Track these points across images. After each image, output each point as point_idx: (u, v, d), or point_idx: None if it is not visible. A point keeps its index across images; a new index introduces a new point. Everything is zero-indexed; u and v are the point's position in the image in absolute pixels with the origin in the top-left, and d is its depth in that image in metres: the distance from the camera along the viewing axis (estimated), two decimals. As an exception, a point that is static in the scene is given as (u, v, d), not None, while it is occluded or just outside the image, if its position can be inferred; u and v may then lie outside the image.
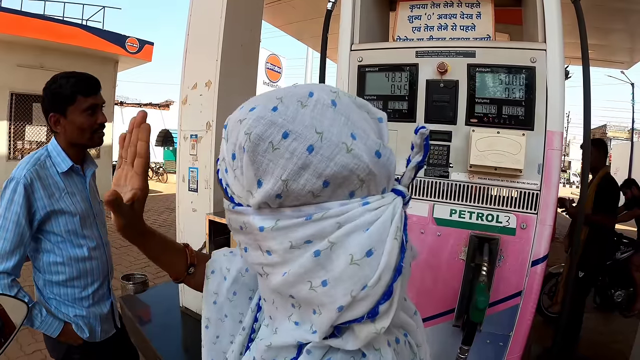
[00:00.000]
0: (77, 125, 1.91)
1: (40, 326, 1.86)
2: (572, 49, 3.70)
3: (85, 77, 1.94)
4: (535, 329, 2.10)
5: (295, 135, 0.55)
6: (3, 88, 10.44)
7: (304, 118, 0.56)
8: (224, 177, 0.65)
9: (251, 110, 0.58)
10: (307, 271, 0.55)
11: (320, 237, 0.55)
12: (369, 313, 0.55)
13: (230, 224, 0.65)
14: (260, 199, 0.57)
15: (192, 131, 3.90)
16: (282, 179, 0.54)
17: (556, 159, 1.95)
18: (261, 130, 0.56)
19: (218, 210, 3.70)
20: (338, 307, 0.54)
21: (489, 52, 2.04)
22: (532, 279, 1.99)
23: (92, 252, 2.04)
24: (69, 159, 1.95)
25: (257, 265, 0.63)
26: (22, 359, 3.68)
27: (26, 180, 1.80)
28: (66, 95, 1.86)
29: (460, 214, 2.08)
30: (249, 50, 4.04)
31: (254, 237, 0.60)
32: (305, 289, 0.56)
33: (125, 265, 6.46)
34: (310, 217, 0.55)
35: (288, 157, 0.54)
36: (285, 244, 0.56)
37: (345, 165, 0.54)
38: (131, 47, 12.31)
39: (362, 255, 0.53)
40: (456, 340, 2.04)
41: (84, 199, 2.04)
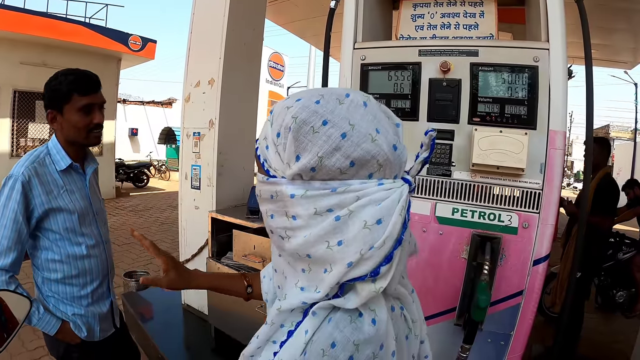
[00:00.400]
0: (72, 124, 1.90)
1: (38, 323, 1.85)
2: (575, 49, 3.69)
3: (83, 76, 1.93)
4: (536, 328, 2.10)
5: (332, 124, 0.68)
6: (6, 85, 10.46)
7: (340, 112, 0.69)
8: (263, 153, 0.77)
9: (297, 101, 0.72)
10: (327, 233, 0.67)
11: (341, 206, 0.67)
12: (371, 272, 0.67)
13: (261, 195, 0.77)
14: (297, 170, 0.69)
15: (195, 129, 3.90)
16: (319, 156, 0.67)
17: (558, 159, 1.95)
18: (306, 116, 0.69)
19: (220, 208, 3.72)
20: (348, 263, 0.66)
21: (492, 51, 2.04)
22: (534, 278, 1.99)
23: (90, 250, 2.02)
24: (67, 157, 1.93)
25: (280, 229, 0.74)
26: (24, 355, 3.68)
27: (24, 178, 1.79)
28: (63, 93, 1.86)
29: (462, 213, 2.08)
30: (252, 48, 4.04)
31: (284, 204, 0.72)
32: (323, 247, 0.68)
33: (127, 262, 6.48)
34: (335, 190, 0.68)
35: (325, 139, 0.67)
36: (311, 210, 0.69)
37: (369, 151, 0.68)
38: (134, 45, 12.31)
39: (373, 222, 0.66)
40: (457, 339, 2.05)
41: (84, 196, 2.02)
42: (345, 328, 0.68)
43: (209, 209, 3.72)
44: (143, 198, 13.70)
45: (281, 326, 0.76)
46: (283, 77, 23.46)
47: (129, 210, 11.17)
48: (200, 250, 3.95)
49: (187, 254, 4.13)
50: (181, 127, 4.09)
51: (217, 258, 3.45)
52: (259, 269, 2.94)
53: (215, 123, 3.69)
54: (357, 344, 0.67)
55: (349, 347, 0.67)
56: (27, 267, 1.89)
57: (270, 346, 0.76)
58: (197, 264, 3.96)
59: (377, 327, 0.69)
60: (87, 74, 1.95)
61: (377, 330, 0.69)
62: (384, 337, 0.70)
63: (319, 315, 0.69)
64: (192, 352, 3.57)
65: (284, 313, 0.75)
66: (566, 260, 4.26)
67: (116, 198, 13.22)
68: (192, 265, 4.06)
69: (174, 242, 7.66)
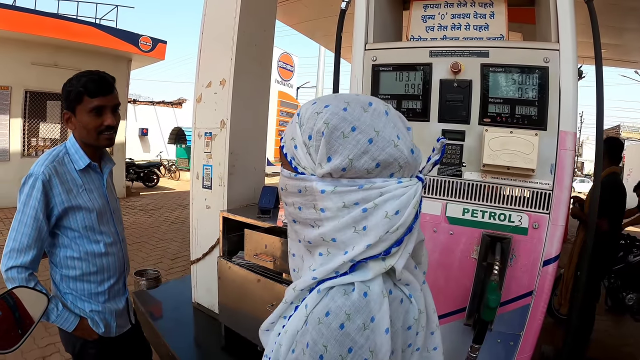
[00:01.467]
0: (83, 125, 1.92)
1: (56, 320, 1.87)
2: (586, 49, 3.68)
3: (96, 78, 1.94)
4: (545, 330, 2.10)
5: (360, 130, 0.77)
6: (18, 86, 10.56)
7: (366, 119, 0.78)
8: (291, 152, 0.85)
9: (326, 107, 0.81)
10: (355, 221, 0.77)
11: (366, 200, 0.77)
12: (384, 251, 0.78)
13: (287, 189, 0.86)
14: (329, 169, 0.78)
15: (207, 129, 3.93)
16: (349, 158, 0.77)
17: (569, 159, 1.95)
18: (336, 122, 0.78)
19: (232, 208, 3.74)
20: (367, 244, 0.76)
21: (503, 52, 2.04)
22: (544, 279, 2.00)
23: (108, 248, 2.05)
24: (86, 157, 1.96)
25: (310, 220, 0.83)
26: (35, 352, 3.71)
27: (44, 177, 1.81)
28: (75, 95, 1.88)
29: (472, 213, 2.09)
30: (263, 49, 4.06)
31: (313, 197, 0.81)
32: (350, 232, 0.78)
33: (137, 261, 6.51)
34: (362, 187, 0.77)
35: (354, 144, 0.77)
36: (339, 204, 0.78)
37: (392, 154, 0.77)
38: (144, 46, 12.38)
39: (392, 213, 0.76)
40: (467, 339, 2.06)
41: (101, 195, 2.05)
42: (339, 299, 0.76)
43: (220, 208, 3.74)
44: (153, 197, 13.77)
45: (291, 303, 0.87)
46: (293, 78, 23.49)
47: (139, 209, 11.21)
48: (211, 250, 3.97)
49: (198, 253, 4.15)
50: (193, 127, 4.12)
51: (228, 257, 3.47)
52: (270, 267, 2.97)
53: (227, 123, 3.71)
54: (348, 313, 0.74)
55: (341, 316, 0.74)
56: (43, 264, 1.91)
57: (281, 321, 0.88)
58: (209, 263, 3.99)
59: (368, 299, 0.76)
60: (101, 76, 1.96)
61: (367, 302, 0.75)
62: (376, 311, 0.75)
63: (322, 292, 0.79)
64: (202, 350, 3.59)
65: (297, 292, 0.85)
66: (569, 261, 4.24)
67: (126, 197, 13.30)
68: (203, 264, 4.11)
69: (184, 242, 7.70)
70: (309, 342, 0.75)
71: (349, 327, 0.73)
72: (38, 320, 1.66)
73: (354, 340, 0.73)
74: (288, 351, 0.79)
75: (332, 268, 0.79)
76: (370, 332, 0.74)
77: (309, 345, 0.74)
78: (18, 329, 1.57)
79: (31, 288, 1.72)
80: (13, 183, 10.31)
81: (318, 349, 0.73)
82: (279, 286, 2.97)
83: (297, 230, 0.90)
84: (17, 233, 1.78)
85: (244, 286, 3.24)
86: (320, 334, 0.74)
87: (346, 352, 0.72)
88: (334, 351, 0.72)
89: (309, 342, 0.75)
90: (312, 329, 0.75)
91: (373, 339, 0.74)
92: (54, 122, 11.51)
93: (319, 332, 0.74)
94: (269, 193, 3.56)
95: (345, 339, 0.73)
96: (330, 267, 0.80)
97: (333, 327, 0.73)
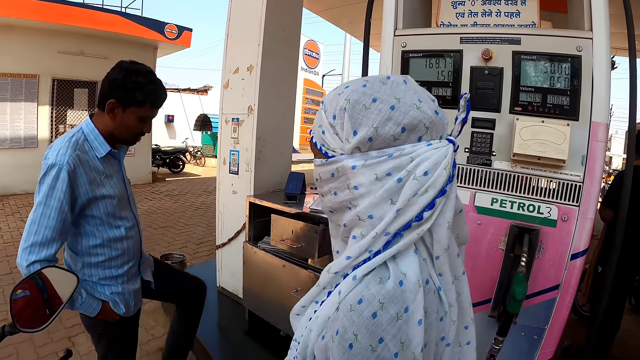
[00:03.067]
0: (128, 125, 1.94)
1: (80, 307, 1.90)
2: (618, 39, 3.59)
3: (162, 91, 1.98)
4: (568, 326, 2.07)
5: (380, 100, 0.78)
6: (45, 74, 10.70)
7: (385, 90, 0.79)
8: (319, 139, 0.86)
9: (346, 87, 0.83)
10: (391, 192, 0.77)
11: (399, 169, 0.76)
12: (416, 217, 0.75)
13: (321, 177, 0.86)
14: (356, 143, 0.79)
15: (234, 115, 3.95)
16: (374, 127, 0.77)
17: (600, 151, 1.91)
18: (357, 97, 0.79)
19: (258, 193, 3.76)
20: (397, 209, 0.75)
21: (535, 40, 2.00)
22: (571, 273, 1.97)
23: (128, 232, 2.08)
24: (106, 144, 1.96)
25: (345, 202, 0.83)
26: (61, 332, 3.78)
27: (69, 167, 1.79)
28: (137, 97, 1.89)
29: (501, 203, 2.06)
30: (290, 34, 4.05)
31: (346, 177, 0.81)
32: (387, 205, 0.77)
33: (163, 245, 6.61)
34: (392, 155, 0.77)
35: (377, 112, 0.77)
36: (372, 176, 0.78)
37: (416, 117, 0.77)
38: (170, 34, 12.44)
39: (421, 174, 0.74)
40: (491, 331, 2.04)
41: (120, 180, 2.07)
42: (373, 287, 0.73)
43: (246, 193, 3.77)
44: (179, 183, 13.91)
45: (324, 288, 0.86)
46: (318, 65, 23.42)
47: (165, 194, 11.36)
48: (237, 235, 4.00)
49: (223, 237, 4.19)
50: (220, 113, 4.14)
51: (253, 242, 3.50)
52: (296, 253, 2.99)
53: (254, 109, 3.72)
54: (382, 302, 0.71)
55: (374, 304, 0.71)
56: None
57: (313, 306, 0.88)
58: (234, 248, 4.03)
59: (404, 288, 0.73)
60: (164, 90, 2.01)
61: (402, 291, 0.72)
62: (410, 301, 0.72)
63: (357, 279, 0.76)
64: (225, 334, 3.63)
65: (331, 275, 0.83)
66: (594, 256, 4.14)
67: (152, 183, 13.46)
68: (228, 249, 4.15)
69: (209, 227, 7.79)
70: (339, 329, 0.73)
71: (382, 317, 0.70)
72: (67, 301, 1.67)
73: (386, 330, 0.70)
74: (318, 337, 0.78)
75: (366, 244, 0.77)
76: (402, 323, 0.71)
77: (339, 333, 0.73)
78: (46, 309, 1.59)
79: (63, 268, 1.74)
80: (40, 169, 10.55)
81: (348, 337, 0.71)
82: (304, 272, 2.99)
83: (335, 220, 0.90)
84: (40, 226, 1.74)
85: (269, 271, 3.27)
86: (351, 321, 0.72)
87: (377, 342, 0.70)
88: (364, 340, 0.70)
89: (339, 330, 0.73)
90: (343, 316, 0.73)
91: (405, 331, 0.71)
92: (81, 109, 11.65)
93: (350, 319, 0.72)
94: (296, 179, 3.56)
95: (377, 329, 0.70)
96: (364, 243, 0.78)
97: (365, 316, 0.71)
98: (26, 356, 3.34)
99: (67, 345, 3.52)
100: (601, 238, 4.00)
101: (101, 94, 1.92)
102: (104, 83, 1.91)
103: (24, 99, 10.42)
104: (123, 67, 1.90)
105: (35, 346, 3.48)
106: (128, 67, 1.90)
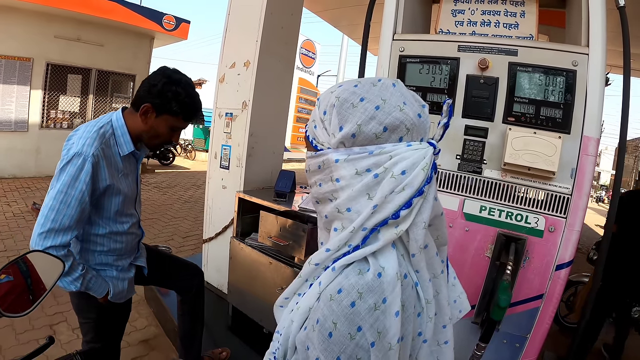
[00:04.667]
0: (158, 131, 1.96)
1: (92, 286, 1.91)
2: (614, 57, 3.63)
3: (198, 106, 2.01)
4: (550, 336, 2.10)
5: (367, 100, 0.83)
6: (40, 58, 10.57)
7: (374, 91, 0.84)
8: (312, 132, 0.93)
9: (339, 86, 0.88)
10: (368, 187, 0.81)
11: (377, 165, 0.81)
12: (392, 215, 0.79)
13: (310, 168, 0.92)
14: (340, 138, 0.84)
15: (228, 109, 3.93)
16: (358, 124, 0.82)
17: (590, 165, 1.94)
18: (346, 96, 0.85)
19: (248, 189, 3.75)
20: (373, 206, 0.79)
21: (532, 52, 2.03)
22: (555, 283, 2.00)
23: (131, 228, 2.10)
24: (131, 143, 1.96)
25: (328, 193, 0.88)
26: (43, 320, 3.73)
27: (94, 159, 1.79)
28: (174, 108, 1.91)
29: (490, 211, 2.08)
30: (289, 33, 4.04)
31: (330, 170, 0.86)
32: (364, 199, 0.82)
33: (149, 237, 6.56)
34: (372, 152, 0.81)
35: (362, 111, 0.82)
36: (352, 171, 0.83)
37: (398, 118, 0.81)
38: (167, 25, 12.35)
39: (398, 173, 0.79)
40: (473, 337, 2.06)
41: (134, 180, 2.10)
42: (353, 277, 0.77)
43: (236, 189, 3.76)
44: (168, 175, 13.80)
45: (306, 281, 0.91)
46: (314, 65, 23.39)
47: (154, 186, 11.26)
48: (224, 229, 3.99)
49: (210, 232, 4.17)
50: (214, 107, 4.12)
51: (241, 238, 3.48)
52: (283, 251, 2.98)
53: (249, 105, 3.71)
54: (360, 292, 0.75)
55: (352, 294, 0.75)
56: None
57: (295, 298, 0.92)
58: (221, 243, 4.02)
59: (382, 280, 0.76)
60: (200, 105, 2.03)
61: (381, 282, 0.76)
62: (389, 293, 0.76)
63: (337, 270, 0.81)
64: (208, 328, 3.59)
65: (312, 266, 0.88)
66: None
67: (142, 174, 13.35)
68: (215, 243, 4.14)
69: (196, 221, 7.76)
70: (319, 318, 0.77)
71: (360, 306, 0.74)
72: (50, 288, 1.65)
73: (364, 319, 0.74)
74: (299, 328, 0.83)
75: (344, 237, 0.81)
76: (380, 314, 0.74)
77: (319, 322, 0.77)
78: (29, 295, 1.57)
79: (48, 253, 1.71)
80: (30, 153, 10.42)
81: (328, 325, 0.75)
82: (290, 270, 2.99)
83: (319, 211, 0.94)
84: (58, 214, 1.74)
85: (255, 268, 3.26)
86: (330, 310, 0.76)
87: (355, 330, 0.74)
88: (343, 329, 0.74)
89: (319, 318, 0.77)
90: (323, 306, 0.78)
91: (382, 321, 0.74)
92: (74, 96, 11.55)
93: (329, 308, 0.76)
94: (286, 177, 3.56)
95: (355, 318, 0.74)
96: (342, 237, 0.82)
97: (344, 305, 0.75)
98: (6, 342, 3.30)
99: (48, 333, 3.49)
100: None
101: (138, 95, 1.93)
102: (144, 85, 1.93)
103: (17, 82, 10.27)
104: (165, 74, 1.92)
105: (16, 332, 3.44)
106: (170, 76, 1.92)
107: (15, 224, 6.50)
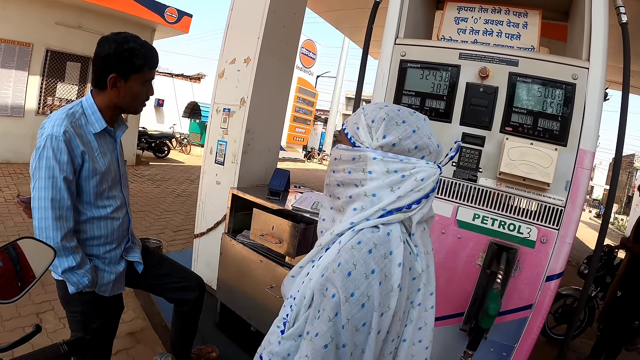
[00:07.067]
0: (133, 93, 1.95)
1: (69, 277, 1.88)
2: (614, 73, 3.65)
3: (154, 51, 1.98)
4: (536, 347, 2.10)
5: (408, 124, 1.07)
6: (39, 44, 10.52)
7: (412, 119, 1.09)
8: (353, 132, 1.13)
9: (386, 106, 1.11)
10: (393, 183, 1.04)
11: (403, 170, 1.04)
12: (406, 206, 1.03)
13: (341, 157, 1.12)
14: (382, 143, 1.06)
15: (226, 105, 3.92)
16: (399, 138, 1.06)
17: (585, 178, 1.95)
18: (393, 115, 1.08)
19: (242, 186, 3.74)
20: (398, 195, 1.03)
21: (532, 63, 2.04)
22: (545, 294, 2.00)
23: (115, 213, 2.06)
24: (103, 120, 1.95)
25: (356, 180, 1.08)
26: (30, 307, 3.72)
27: (65, 137, 1.79)
28: (135, 64, 1.89)
29: (483, 220, 2.09)
30: (291, 32, 4.04)
31: (364, 163, 1.07)
32: (388, 190, 1.04)
33: (140, 229, 6.56)
34: (402, 160, 1.05)
35: (403, 130, 1.06)
36: (384, 168, 1.05)
37: (426, 143, 1.07)
38: (170, 17, 12.31)
39: (420, 179, 1.03)
40: (461, 344, 2.07)
41: (114, 159, 2.05)
42: (368, 233, 1.00)
43: (230, 185, 3.75)
44: (162, 168, 13.77)
45: (322, 248, 1.10)
46: (314, 65, 23.41)
47: (147, 179, 11.24)
48: (216, 225, 3.98)
49: (202, 227, 4.16)
50: (212, 102, 4.10)
51: (233, 235, 3.48)
52: (275, 249, 2.96)
53: (247, 102, 3.70)
54: (375, 243, 0.98)
55: (369, 244, 0.97)
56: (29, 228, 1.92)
57: (309, 265, 1.11)
58: (212, 238, 4.01)
59: (390, 237, 1.00)
60: (154, 49, 2.00)
61: (389, 239, 1.00)
62: (395, 247, 0.99)
63: (355, 232, 1.03)
64: (197, 323, 3.61)
65: (333, 236, 1.07)
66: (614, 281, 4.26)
67: (136, 166, 13.31)
68: (206, 239, 4.13)
69: (188, 215, 7.74)
70: (340, 262, 0.95)
71: (375, 253, 0.96)
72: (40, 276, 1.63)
73: (377, 263, 0.95)
74: (319, 277, 0.99)
75: (367, 215, 1.03)
76: (388, 261, 0.97)
77: (340, 265, 0.95)
78: (18, 282, 1.56)
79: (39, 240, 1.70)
80: (25, 139, 10.33)
81: (348, 267, 0.94)
82: (280, 269, 2.99)
83: (339, 192, 1.13)
84: (54, 201, 1.78)
85: (246, 265, 3.26)
86: (352, 255, 0.96)
87: (370, 272, 0.94)
88: (361, 269, 0.94)
89: (340, 262, 0.95)
90: (344, 253, 0.97)
91: (389, 267, 0.96)
92: (72, 83, 11.50)
93: (351, 254, 0.96)
94: (281, 175, 3.54)
95: (370, 262, 0.95)
96: (366, 214, 1.04)
97: (364, 251, 0.96)
98: (-9, 328, 3.29)
99: (34, 321, 3.46)
100: (623, 265, 4.11)
101: (97, 72, 1.91)
102: (97, 61, 1.90)
103: (15, 67, 10.22)
104: (110, 40, 1.89)
105: (2, 319, 3.42)
106: (115, 39, 1.89)
107: (6, 209, 6.46)
